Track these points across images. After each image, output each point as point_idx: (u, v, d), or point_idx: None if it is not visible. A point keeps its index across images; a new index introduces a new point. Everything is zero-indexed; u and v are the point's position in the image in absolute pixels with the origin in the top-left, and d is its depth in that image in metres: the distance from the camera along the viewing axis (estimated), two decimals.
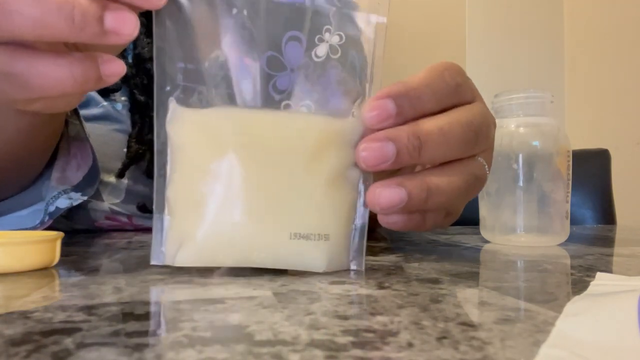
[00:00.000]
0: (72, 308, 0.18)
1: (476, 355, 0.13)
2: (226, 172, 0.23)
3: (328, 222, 0.25)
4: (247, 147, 0.23)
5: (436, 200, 0.26)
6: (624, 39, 1.48)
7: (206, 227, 0.23)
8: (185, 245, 0.23)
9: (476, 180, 0.28)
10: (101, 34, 0.23)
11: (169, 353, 0.13)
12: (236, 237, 0.23)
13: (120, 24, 0.23)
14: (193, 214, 0.23)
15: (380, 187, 0.25)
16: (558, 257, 0.31)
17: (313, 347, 0.13)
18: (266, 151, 0.24)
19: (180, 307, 0.18)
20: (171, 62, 0.24)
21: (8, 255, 0.25)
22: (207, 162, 0.23)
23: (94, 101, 0.52)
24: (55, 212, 0.41)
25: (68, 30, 0.22)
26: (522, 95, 0.39)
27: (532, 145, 0.38)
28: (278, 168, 0.24)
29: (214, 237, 0.23)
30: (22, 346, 0.14)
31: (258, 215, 0.23)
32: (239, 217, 0.23)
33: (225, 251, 0.23)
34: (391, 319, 0.16)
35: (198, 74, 0.24)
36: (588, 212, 0.79)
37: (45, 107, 0.27)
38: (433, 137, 0.25)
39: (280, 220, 0.24)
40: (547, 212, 0.38)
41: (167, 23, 0.23)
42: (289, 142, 0.24)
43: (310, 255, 0.24)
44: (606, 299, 0.18)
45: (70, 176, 0.43)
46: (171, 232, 0.24)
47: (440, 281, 0.23)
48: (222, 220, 0.23)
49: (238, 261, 0.24)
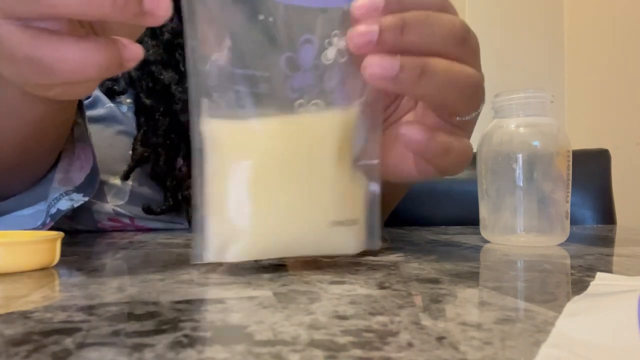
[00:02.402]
0: (72, 308, 0.18)
1: (476, 355, 0.13)
2: (264, 170, 0.25)
3: (355, 207, 0.27)
4: (281, 145, 0.25)
5: (431, 80, 0.25)
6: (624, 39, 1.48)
7: (254, 222, 0.24)
8: (235, 241, 0.24)
9: (473, 86, 0.27)
10: (140, 15, 0.23)
11: (169, 353, 0.13)
12: (282, 230, 0.25)
13: (157, 5, 0.23)
14: (238, 211, 0.24)
15: (374, 55, 0.25)
16: (558, 257, 0.31)
17: (313, 347, 0.13)
18: (298, 147, 0.25)
19: (180, 307, 0.18)
20: (203, 62, 0.24)
21: (8, 256, 0.25)
22: (244, 160, 0.25)
23: (101, 102, 0.52)
24: (57, 214, 0.41)
25: (111, 8, 0.22)
26: (522, 95, 0.39)
27: (532, 145, 0.38)
28: (311, 162, 0.25)
29: (262, 231, 0.24)
30: (22, 346, 0.14)
31: (299, 208, 0.25)
32: (283, 211, 0.25)
33: (273, 244, 0.25)
34: (391, 319, 0.16)
35: (228, 74, 0.24)
36: (588, 212, 0.79)
37: (63, 93, 0.26)
38: (418, 17, 0.25)
39: (319, 210, 0.26)
40: (547, 212, 0.38)
41: (198, 23, 0.24)
42: (316, 138, 0.26)
43: (345, 239, 0.27)
44: (606, 299, 0.18)
45: (73, 177, 0.43)
46: (214, 230, 0.24)
47: (440, 281, 0.23)
48: (267, 215, 0.25)
49: (284, 252, 0.25)
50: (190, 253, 0.32)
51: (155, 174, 0.52)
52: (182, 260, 0.29)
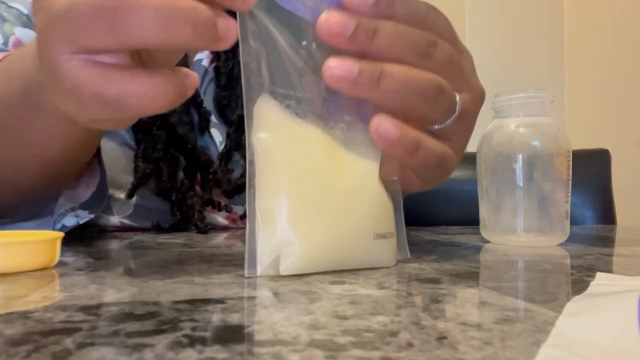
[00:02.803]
0: (72, 308, 0.18)
1: (476, 355, 0.13)
2: (314, 183, 0.25)
3: (391, 220, 0.29)
4: (329, 160, 0.26)
5: (389, 84, 0.25)
6: (624, 39, 1.48)
7: (305, 236, 0.25)
8: (287, 255, 0.24)
9: (435, 90, 0.27)
10: (215, 40, 0.23)
11: (169, 353, 0.13)
12: (331, 243, 0.25)
13: (227, 30, 0.23)
14: (289, 224, 0.24)
15: (335, 58, 0.25)
16: (558, 257, 0.31)
17: (313, 347, 0.13)
18: (346, 162, 0.27)
19: (180, 307, 0.18)
20: (253, 76, 0.25)
21: (8, 255, 0.25)
22: (294, 173, 0.25)
23: None
24: (62, 229, 0.41)
25: (192, 35, 0.22)
26: (522, 95, 0.39)
27: (532, 145, 0.38)
28: (354, 178, 0.27)
29: (313, 245, 0.25)
30: (22, 346, 0.14)
31: (347, 221, 0.26)
32: (332, 224, 0.25)
33: (325, 257, 0.25)
34: (391, 319, 0.16)
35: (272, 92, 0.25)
36: (588, 212, 0.79)
37: (118, 124, 0.25)
38: (389, 27, 0.26)
39: (366, 224, 0.27)
40: (547, 212, 0.38)
41: (251, 41, 0.25)
42: (363, 154, 0.27)
43: (385, 252, 0.27)
44: (606, 299, 0.18)
45: (79, 193, 0.43)
46: (267, 243, 0.24)
47: (440, 281, 0.23)
48: (317, 228, 0.25)
49: (332, 265, 0.26)
50: (188, 253, 0.32)
51: (160, 190, 0.52)
52: (182, 260, 0.29)
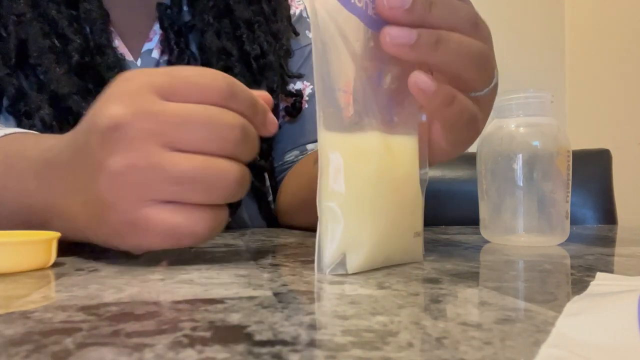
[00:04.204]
0: (72, 308, 0.18)
1: (476, 355, 0.13)
2: (375, 183, 0.26)
3: (422, 218, 0.31)
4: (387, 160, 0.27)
5: (446, 48, 0.27)
6: (624, 39, 1.48)
7: (370, 235, 0.26)
8: (355, 253, 0.25)
9: (485, 57, 0.29)
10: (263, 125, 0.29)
11: (169, 353, 0.13)
12: (388, 241, 0.27)
13: (272, 122, 0.30)
14: (356, 223, 0.26)
15: (392, 26, 0.26)
16: (558, 257, 0.31)
17: (313, 347, 0.13)
18: (396, 163, 0.28)
19: (180, 307, 0.18)
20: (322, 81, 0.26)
21: (2, 256, 0.25)
22: (358, 173, 0.26)
23: None
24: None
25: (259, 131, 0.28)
26: (522, 95, 0.39)
27: (532, 145, 0.38)
28: (405, 176, 0.29)
29: (376, 243, 0.26)
30: (22, 346, 0.14)
31: (398, 220, 0.28)
32: (389, 223, 0.27)
33: (380, 254, 0.27)
34: (391, 319, 0.16)
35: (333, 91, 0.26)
36: (589, 212, 0.79)
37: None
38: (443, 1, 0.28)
39: (408, 223, 0.29)
40: (547, 212, 0.38)
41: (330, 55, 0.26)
42: (408, 155, 0.29)
43: (418, 248, 0.30)
44: (606, 299, 0.18)
45: None
46: (335, 242, 0.25)
47: (440, 281, 0.23)
48: (378, 227, 0.26)
49: (384, 262, 0.27)
50: (188, 253, 0.32)
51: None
52: (182, 260, 0.29)
